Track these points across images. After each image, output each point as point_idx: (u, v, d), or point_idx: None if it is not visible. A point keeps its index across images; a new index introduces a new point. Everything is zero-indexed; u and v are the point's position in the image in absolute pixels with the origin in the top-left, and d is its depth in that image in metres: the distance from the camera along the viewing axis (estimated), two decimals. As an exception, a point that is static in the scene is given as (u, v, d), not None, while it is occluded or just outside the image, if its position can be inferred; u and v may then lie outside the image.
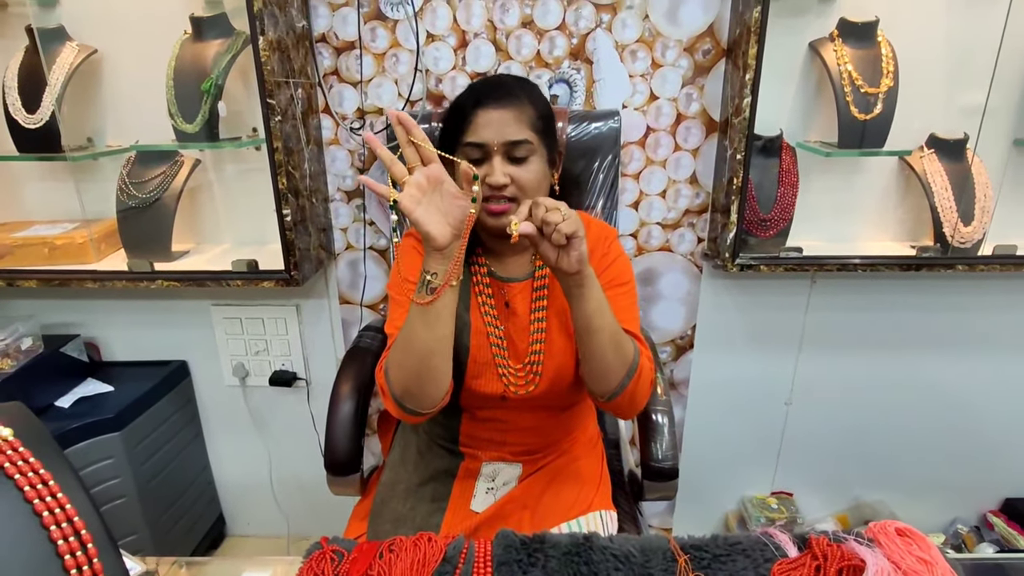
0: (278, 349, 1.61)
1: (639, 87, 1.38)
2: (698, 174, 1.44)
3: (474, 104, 0.86)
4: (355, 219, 1.50)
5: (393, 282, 0.92)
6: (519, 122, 0.85)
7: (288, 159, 1.26)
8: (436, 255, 0.74)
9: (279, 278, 1.33)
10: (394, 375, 0.80)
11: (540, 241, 0.75)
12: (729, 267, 1.34)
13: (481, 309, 0.92)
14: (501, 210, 0.85)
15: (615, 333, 0.81)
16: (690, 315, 1.55)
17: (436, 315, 0.76)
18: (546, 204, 0.73)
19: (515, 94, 0.86)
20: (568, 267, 0.75)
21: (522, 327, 0.92)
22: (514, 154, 0.85)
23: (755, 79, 1.21)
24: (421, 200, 0.72)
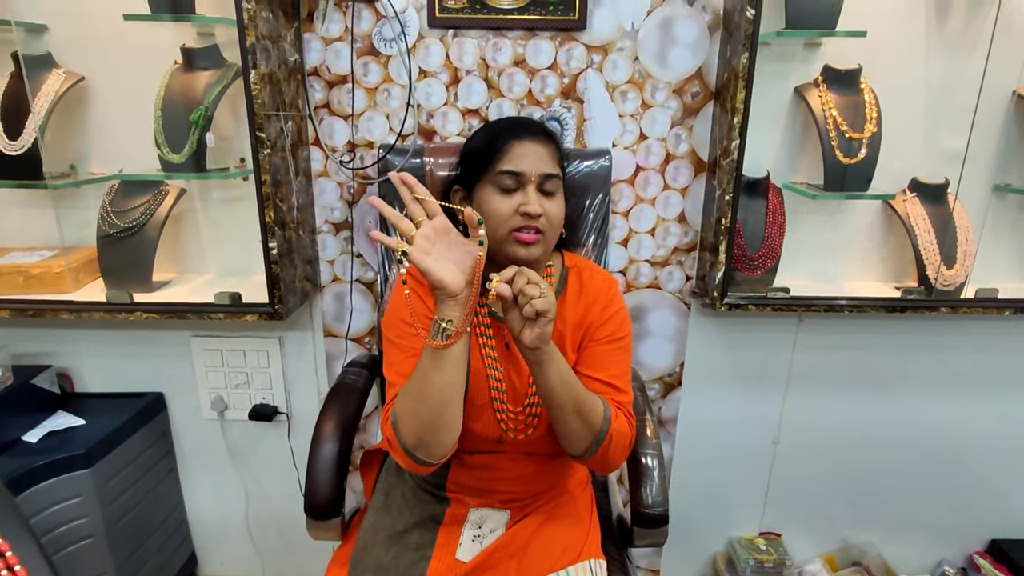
0: (259, 382, 1.59)
1: (629, 127, 1.40)
2: (687, 213, 1.45)
3: (512, 135, 0.89)
4: (342, 251, 1.49)
5: (389, 322, 0.92)
6: (552, 158, 0.90)
7: (276, 191, 1.25)
8: (450, 302, 0.75)
9: (263, 311, 1.32)
10: (406, 425, 0.80)
11: (511, 308, 0.77)
12: (717, 306, 1.35)
13: (481, 351, 0.92)
14: (533, 240, 0.87)
15: (579, 404, 0.83)
16: (678, 352, 1.56)
17: (451, 360, 0.77)
18: (529, 276, 0.76)
19: (547, 133, 0.92)
20: (528, 341, 0.77)
21: (522, 369, 0.92)
22: (546, 187, 0.88)
23: (743, 122, 1.24)
24: (431, 251, 0.74)
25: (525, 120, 0.92)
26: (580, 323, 0.94)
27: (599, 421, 0.84)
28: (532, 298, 0.74)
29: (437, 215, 0.75)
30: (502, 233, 0.86)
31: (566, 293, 0.96)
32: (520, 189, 0.87)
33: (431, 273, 0.73)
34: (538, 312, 0.74)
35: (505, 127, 0.91)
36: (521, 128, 0.90)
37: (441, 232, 0.75)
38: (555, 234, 0.89)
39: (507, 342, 0.94)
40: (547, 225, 0.87)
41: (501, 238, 0.87)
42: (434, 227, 0.74)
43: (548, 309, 0.75)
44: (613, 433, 0.85)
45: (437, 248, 0.74)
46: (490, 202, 0.87)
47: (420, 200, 0.75)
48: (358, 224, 1.48)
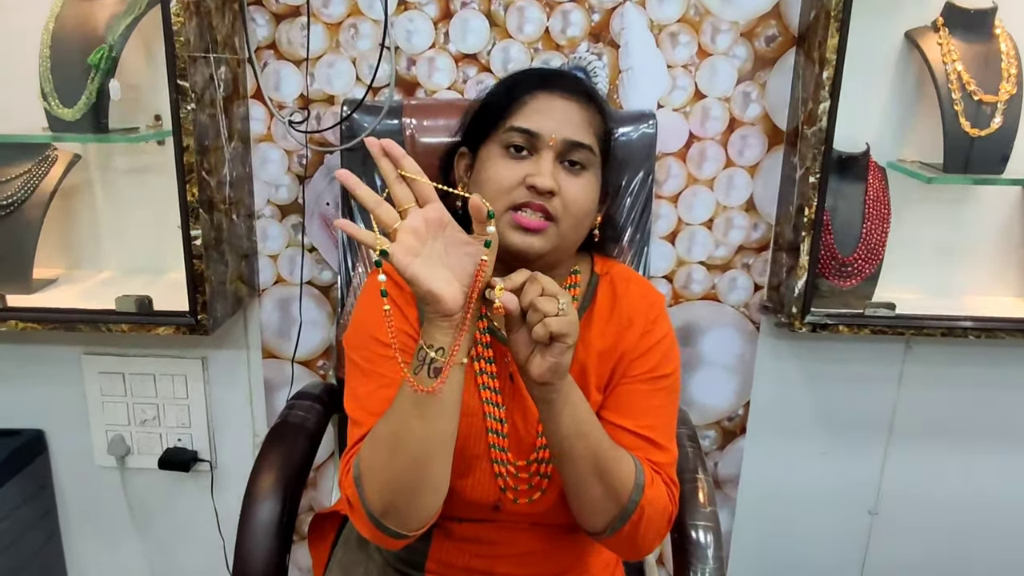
0: (174, 418, 1.57)
1: (680, 81, 1.38)
2: (757, 199, 1.44)
3: (538, 84, 0.89)
4: (290, 243, 1.48)
5: (355, 340, 0.92)
6: (586, 123, 0.88)
7: (202, 160, 1.24)
8: (442, 323, 0.74)
9: (181, 323, 1.31)
10: (374, 486, 0.79)
11: (517, 326, 0.76)
12: (796, 325, 1.34)
13: (477, 382, 0.92)
14: (535, 226, 0.84)
15: (601, 462, 0.82)
16: (742, 388, 1.54)
17: (439, 405, 0.76)
18: (544, 285, 0.75)
19: (587, 91, 0.90)
20: (538, 373, 0.76)
21: (530, 410, 0.91)
22: (571, 159, 0.87)
23: (835, 78, 1.22)
24: (420, 252, 0.72)
25: (564, 72, 0.92)
26: (610, 352, 0.93)
27: (627, 487, 0.83)
28: (547, 315, 0.73)
29: (430, 202, 0.74)
30: (497, 209, 0.84)
31: (593, 310, 0.95)
32: (534, 155, 0.86)
33: (419, 283, 0.71)
34: (553, 335, 0.73)
35: (533, 75, 0.91)
36: (554, 79, 0.90)
37: (435, 226, 0.74)
38: (574, 226, 0.87)
39: (511, 372, 0.93)
40: (561, 210, 0.85)
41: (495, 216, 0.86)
42: (426, 219, 0.73)
43: (567, 332, 0.73)
44: (646, 505, 0.84)
45: (429, 248, 0.73)
46: (491, 166, 0.87)
47: (408, 179, 0.73)
48: (312, 207, 1.46)
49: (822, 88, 1.23)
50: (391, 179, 0.73)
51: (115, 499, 1.63)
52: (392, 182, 0.73)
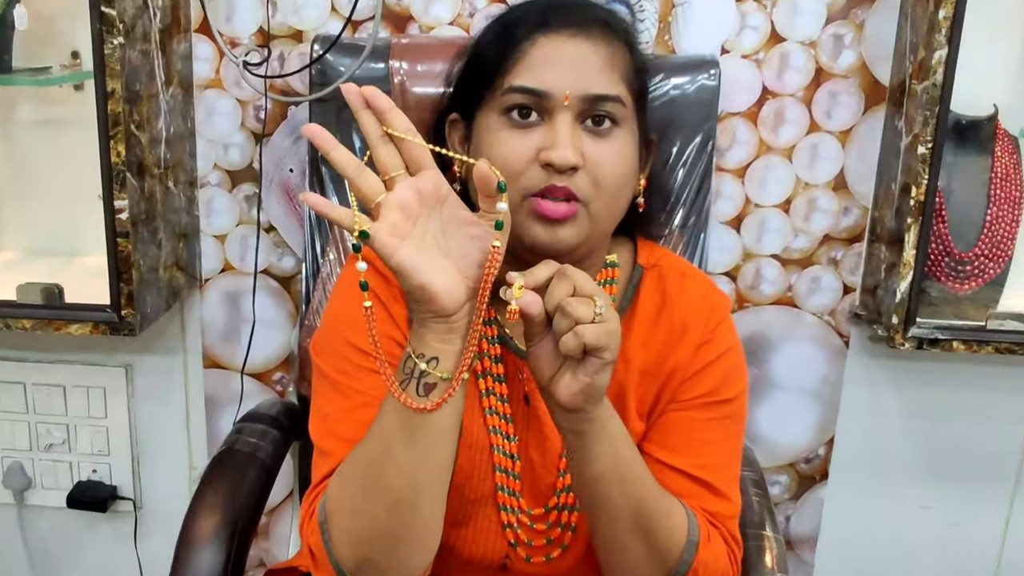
0: (88, 443, 1.58)
1: (751, 19, 1.39)
2: (849, 174, 1.44)
3: (537, 24, 0.87)
4: (242, 220, 1.49)
5: (326, 345, 0.92)
6: (610, 67, 0.86)
7: (131, 110, 1.25)
8: (436, 326, 0.74)
9: (100, 320, 1.32)
10: (344, 533, 0.79)
11: (539, 334, 0.76)
12: (897, 340, 1.34)
13: (482, 403, 0.92)
14: (562, 214, 0.84)
15: (642, 515, 0.82)
16: (825, 420, 1.54)
17: (432, 430, 0.76)
18: (576, 281, 0.74)
19: (606, 23, 0.89)
20: (566, 396, 0.75)
21: (551, 441, 0.92)
22: (595, 114, 0.86)
23: (955, 18, 1.22)
24: (409, 233, 0.72)
25: (568, 1, 0.91)
26: (655, 368, 0.93)
27: (677, 547, 0.83)
28: (580, 322, 0.72)
29: (425, 169, 0.73)
30: (512, 199, 0.83)
31: (635, 314, 0.95)
32: (544, 121, 0.85)
33: (408, 274, 0.71)
34: (588, 348, 0.72)
35: (530, 11, 0.90)
36: (558, 13, 0.88)
37: (430, 201, 0.73)
38: (610, 204, 0.87)
39: (526, 392, 0.93)
40: (591, 188, 0.85)
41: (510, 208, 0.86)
42: (419, 191, 0.73)
43: (605, 344, 0.72)
44: (700, 568, 0.84)
45: (422, 229, 0.73)
46: (491, 141, 0.87)
47: (397, 140, 0.73)
48: (271, 174, 1.47)
49: (937, 31, 1.23)
50: (374, 139, 0.72)
51: (10, 545, 1.63)
52: (376, 142, 0.72)
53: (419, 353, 0.74)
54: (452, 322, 0.74)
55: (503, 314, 0.95)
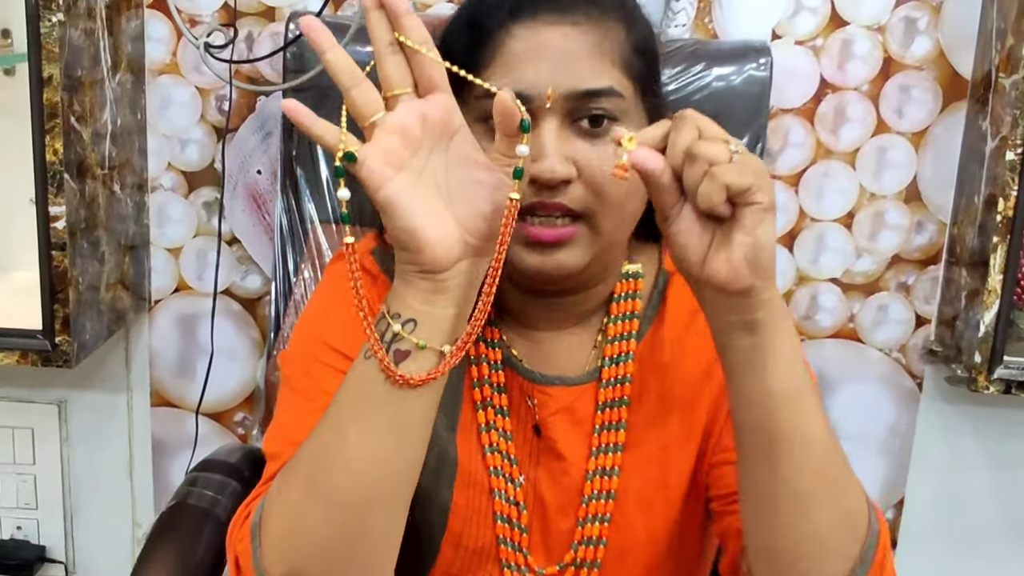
0: (12, 494, 1.58)
1: (808, 0, 1.40)
2: (924, 183, 1.44)
3: (510, 12, 0.87)
4: (200, 230, 1.50)
5: (295, 349, 0.94)
6: (599, 54, 0.87)
7: (71, 99, 1.26)
8: (422, 282, 0.73)
9: (29, 348, 1.32)
10: (278, 536, 0.78)
11: (670, 198, 0.73)
12: (981, 382, 1.34)
13: (482, 437, 0.94)
14: (558, 237, 0.85)
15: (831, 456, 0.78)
16: (894, 476, 1.54)
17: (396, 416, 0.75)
18: (701, 124, 0.72)
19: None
20: (727, 273, 0.72)
21: (569, 479, 0.94)
22: (587, 113, 0.86)
23: (1052, -1, 1.23)
24: (405, 163, 0.72)
25: None
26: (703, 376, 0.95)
27: (864, 512, 0.80)
28: (713, 162, 0.70)
29: (438, 91, 0.73)
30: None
31: (663, 322, 0.97)
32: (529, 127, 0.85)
33: (397, 212, 0.71)
34: (733, 194, 0.70)
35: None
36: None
37: (436, 130, 0.73)
38: (618, 213, 0.88)
39: (537, 423, 0.94)
40: (590, 199, 0.86)
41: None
42: (424, 116, 0.72)
43: (751, 183, 0.70)
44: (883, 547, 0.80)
45: (421, 162, 0.73)
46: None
47: (409, 51, 0.72)
48: (236, 176, 1.48)
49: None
50: (383, 46, 0.71)
51: (-82, 616, 1.62)
52: (384, 50, 0.71)
53: (394, 312, 0.74)
54: (440, 281, 0.73)
55: (509, 335, 0.96)
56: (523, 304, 0.95)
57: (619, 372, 0.94)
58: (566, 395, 0.95)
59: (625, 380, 0.94)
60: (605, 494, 0.92)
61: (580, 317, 0.96)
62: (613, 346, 0.95)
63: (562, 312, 0.95)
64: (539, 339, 0.96)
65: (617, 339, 0.95)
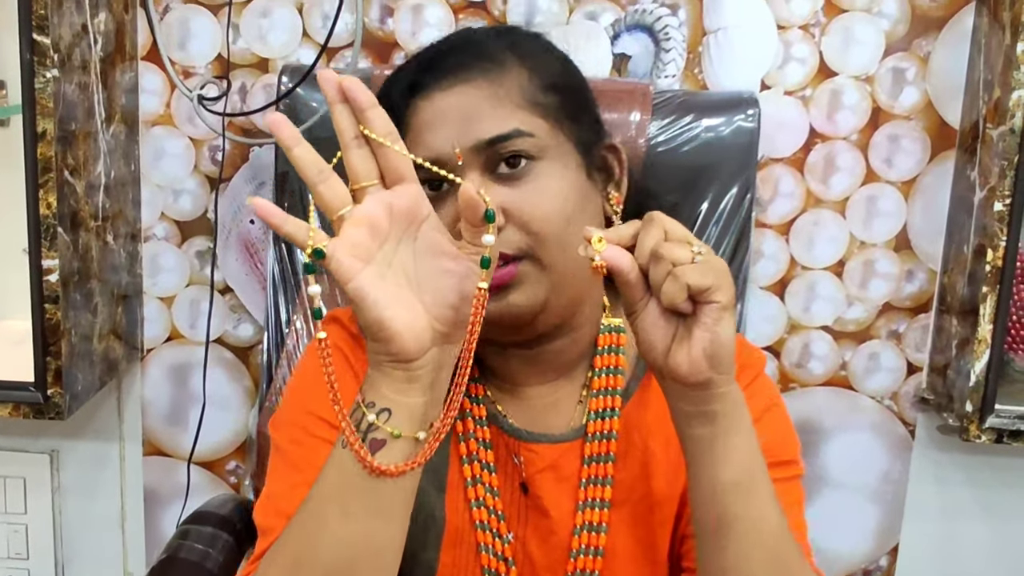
0: (4, 545, 1.58)
1: (796, 50, 1.40)
2: (913, 232, 1.45)
3: (409, 89, 0.92)
4: (192, 280, 1.50)
5: (283, 416, 0.95)
6: (498, 103, 0.90)
7: (65, 152, 1.26)
8: (394, 372, 0.74)
9: (22, 400, 1.31)
10: None
11: (637, 293, 0.76)
12: (973, 431, 1.33)
13: (468, 493, 0.94)
14: (499, 280, 0.87)
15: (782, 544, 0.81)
16: (888, 524, 1.54)
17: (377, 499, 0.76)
18: (666, 225, 0.76)
19: (484, 53, 0.93)
20: (688, 367, 0.75)
21: (556, 538, 0.94)
22: (499, 160, 0.89)
23: (1036, 51, 1.24)
24: (373, 255, 0.72)
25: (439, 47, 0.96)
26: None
27: None
28: (676, 263, 0.74)
29: (404, 182, 0.74)
30: None
31: (650, 381, 0.98)
32: (453, 186, 0.87)
33: (367, 305, 0.72)
34: (694, 291, 0.73)
35: (401, 76, 0.95)
36: (428, 66, 0.93)
37: (404, 221, 0.74)
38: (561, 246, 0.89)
39: (524, 480, 0.95)
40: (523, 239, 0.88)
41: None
42: (391, 207, 0.73)
43: (712, 283, 0.73)
44: None
45: (389, 253, 0.74)
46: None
47: (374, 144, 0.74)
48: (229, 225, 1.48)
49: (1016, 68, 1.24)
50: (348, 139, 0.73)
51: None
52: (349, 144, 0.73)
53: (369, 401, 0.74)
54: (412, 370, 0.74)
55: (494, 392, 0.97)
56: (505, 360, 0.96)
57: (604, 427, 0.95)
58: (552, 452, 0.95)
59: (611, 436, 0.95)
60: (593, 550, 0.93)
61: (563, 369, 0.97)
62: (598, 400, 0.96)
63: (544, 364, 0.96)
64: (524, 395, 0.97)
65: (602, 393, 0.96)
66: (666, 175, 1.24)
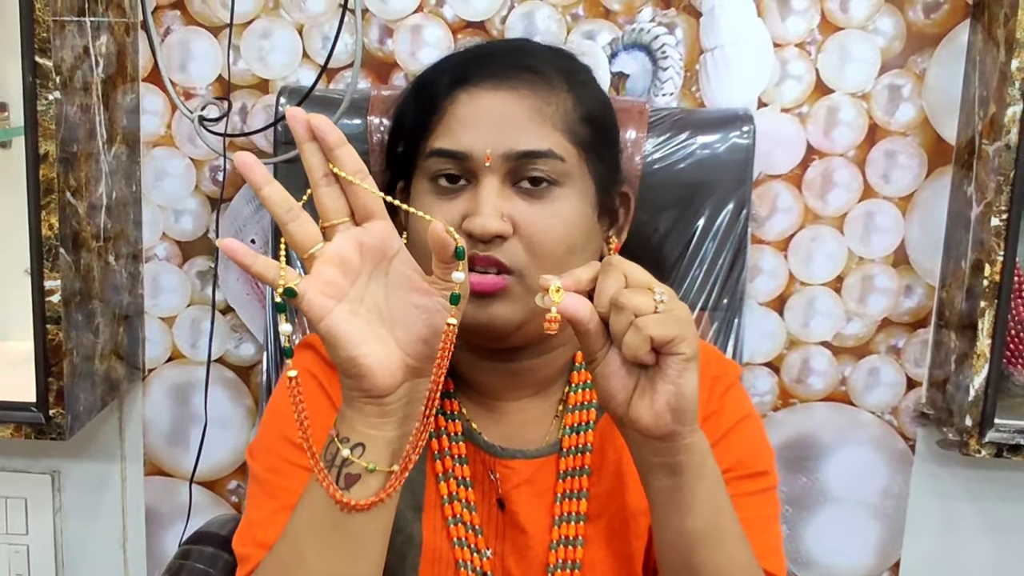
0: (5, 566, 1.57)
1: (793, 67, 1.41)
2: (911, 248, 1.45)
3: (455, 80, 0.92)
4: (193, 300, 1.51)
5: (259, 443, 0.96)
6: (540, 119, 0.90)
7: (67, 173, 1.27)
8: (368, 407, 0.75)
9: (23, 420, 1.31)
10: None
11: (597, 342, 0.75)
12: (972, 445, 1.33)
13: (445, 510, 0.95)
14: (486, 287, 0.88)
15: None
16: (889, 540, 1.53)
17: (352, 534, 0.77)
18: (627, 271, 0.75)
19: (538, 68, 0.93)
20: (651, 419, 0.74)
21: (533, 553, 0.95)
22: (527, 175, 0.89)
23: (1031, 67, 1.25)
24: (345, 292, 0.73)
25: (503, 48, 0.96)
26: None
27: None
28: (638, 313, 0.72)
29: (374, 219, 0.75)
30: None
31: None
32: (472, 185, 0.90)
33: (339, 343, 0.72)
34: (658, 344, 0.72)
35: (449, 66, 0.95)
36: (476, 65, 0.93)
37: (374, 258, 0.75)
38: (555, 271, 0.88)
39: (500, 496, 0.96)
40: (522, 256, 0.89)
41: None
42: (362, 245, 0.74)
43: (676, 334, 0.72)
44: None
45: (360, 290, 0.74)
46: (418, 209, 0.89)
47: (344, 182, 0.74)
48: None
49: (1010, 84, 1.24)
50: (317, 177, 0.73)
51: None
52: (318, 182, 0.73)
53: (343, 437, 0.75)
54: (385, 404, 0.75)
55: (470, 407, 0.98)
56: (483, 373, 0.97)
57: (580, 441, 0.96)
58: (527, 468, 0.96)
59: (586, 449, 0.96)
60: (570, 564, 0.93)
61: (540, 386, 0.98)
62: (574, 415, 0.97)
63: (521, 380, 0.97)
64: (500, 410, 0.98)
65: (578, 408, 0.97)
66: (662, 192, 1.24)
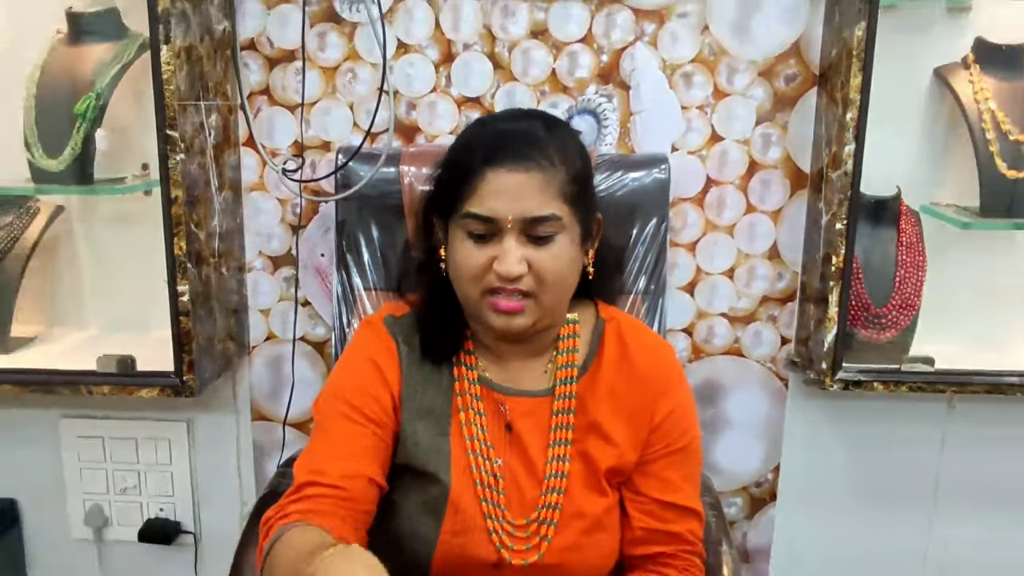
0: (156, 487, 1.58)
1: (696, 123, 1.42)
2: (781, 246, 1.47)
3: (483, 162, 0.91)
4: (282, 297, 1.51)
5: (322, 401, 0.96)
6: (544, 191, 0.90)
7: (191, 211, 1.29)
8: None
9: (165, 384, 1.34)
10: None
11: None
12: (827, 382, 1.35)
13: (466, 431, 0.96)
14: (512, 308, 0.91)
15: None
16: (771, 451, 1.55)
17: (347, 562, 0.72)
18: None
19: (542, 150, 0.91)
20: None
21: (531, 464, 0.96)
22: (535, 233, 0.91)
23: (860, 119, 1.25)
24: None
25: (516, 133, 0.93)
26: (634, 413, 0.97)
27: None
28: None
29: None
30: (473, 295, 0.92)
31: (601, 359, 1.00)
32: (496, 236, 0.91)
33: None
34: None
35: (478, 148, 0.92)
36: (501, 149, 0.91)
37: None
38: (555, 293, 0.93)
39: (508, 422, 0.97)
40: (536, 285, 0.91)
41: (473, 300, 0.93)
42: None
43: None
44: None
45: None
46: (457, 250, 0.93)
47: None
48: (306, 259, 1.49)
49: (846, 130, 1.26)
50: None
51: (90, 573, 1.63)
52: None
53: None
54: None
55: (484, 362, 0.99)
56: (496, 343, 0.99)
57: (567, 390, 0.98)
58: (529, 404, 0.98)
59: (571, 396, 0.98)
60: (560, 474, 0.95)
61: (536, 351, 1.01)
62: (562, 371, 0.99)
63: (525, 346, 0.99)
64: (507, 364, 1.00)
65: (564, 366, 0.99)
66: (606, 212, 1.21)
